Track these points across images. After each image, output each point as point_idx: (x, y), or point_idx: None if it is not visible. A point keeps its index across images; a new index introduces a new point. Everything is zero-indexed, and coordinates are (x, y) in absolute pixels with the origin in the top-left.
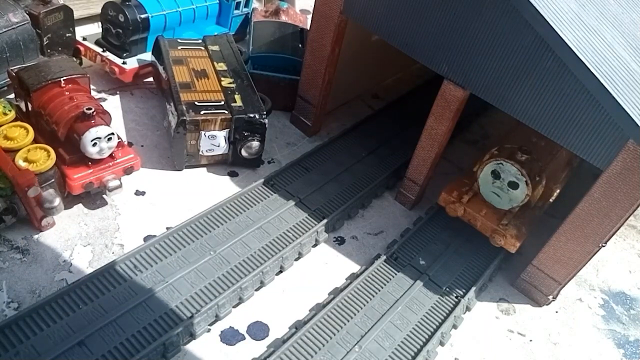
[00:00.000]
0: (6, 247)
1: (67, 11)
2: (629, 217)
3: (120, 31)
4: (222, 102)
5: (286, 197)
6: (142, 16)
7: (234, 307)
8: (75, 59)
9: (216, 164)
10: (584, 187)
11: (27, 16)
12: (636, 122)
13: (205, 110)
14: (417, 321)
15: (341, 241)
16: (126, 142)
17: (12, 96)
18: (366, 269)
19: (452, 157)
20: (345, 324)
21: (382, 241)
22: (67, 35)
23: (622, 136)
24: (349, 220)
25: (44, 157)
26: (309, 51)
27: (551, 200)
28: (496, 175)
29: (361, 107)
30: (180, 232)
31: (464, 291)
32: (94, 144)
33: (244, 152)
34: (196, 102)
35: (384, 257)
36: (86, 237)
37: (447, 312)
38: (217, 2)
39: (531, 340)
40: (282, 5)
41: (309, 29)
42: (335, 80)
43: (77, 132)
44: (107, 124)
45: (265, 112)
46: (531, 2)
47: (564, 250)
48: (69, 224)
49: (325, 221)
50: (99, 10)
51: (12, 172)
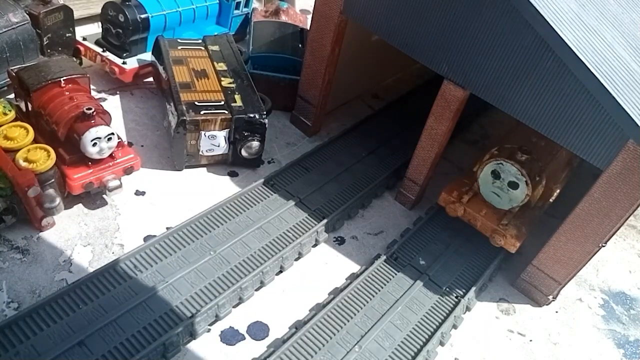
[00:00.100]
0: (6, 247)
1: (67, 11)
2: (629, 217)
3: (120, 31)
4: (222, 102)
5: (286, 197)
6: (142, 16)
7: (234, 307)
8: (75, 59)
9: (216, 164)
10: (584, 187)
11: (27, 16)
12: (636, 122)
13: (205, 110)
14: (417, 321)
15: (341, 241)
16: (126, 142)
17: (12, 96)
18: (366, 269)
19: (452, 157)
20: (345, 324)
21: (382, 241)
22: (67, 35)
23: (622, 136)
24: (349, 220)
25: (44, 157)
26: (309, 51)
27: (551, 200)
28: (496, 175)
29: (361, 107)
30: (180, 232)
31: (464, 291)
32: (94, 144)
33: (244, 152)
34: (196, 102)
35: (384, 257)
36: (86, 237)
37: (447, 312)
38: (217, 2)
39: (531, 340)
40: (282, 5)
41: (309, 29)
42: (335, 80)
43: (77, 132)
44: (107, 124)
45: (265, 112)
46: (531, 2)
47: (564, 250)
48: (69, 224)
49: (325, 221)
50: (99, 10)
51: (12, 172)
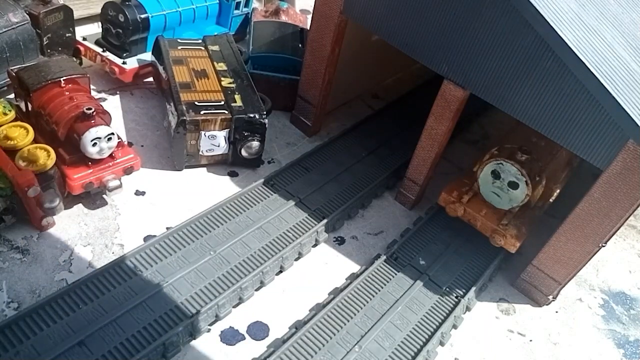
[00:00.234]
0: (6, 247)
1: (67, 11)
2: (629, 217)
3: (120, 31)
4: (222, 102)
5: (286, 197)
6: (142, 16)
7: (234, 307)
8: (75, 59)
9: (216, 164)
10: (584, 187)
11: (27, 16)
12: (636, 122)
13: (205, 110)
14: (417, 321)
15: (341, 241)
16: (126, 142)
17: (12, 96)
18: (366, 269)
19: (452, 157)
20: (345, 324)
21: (382, 241)
22: (67, 35)
23: (622, 136)
24: (349, 220)
25: (44, 157)
26: (309, 51)
27: (551, 200)
28: (496, 175)
29: (361, 107)
30: (180, 232)
31: (464, 291)
32: (94, 144)
33: (244, 152)
34: (196, 102)
35: (384, 257)
36: (86, 237)
37: (447, 312)
38: (217, 2)
39: (531, 340)
40: (282, 5)
41: (309, 29)
42: (335, 80)
43: (77, 132)
44: (107, 124)
45: (265, 112)
46: (531, 2)
47: (564, 250)
48: (69, 224)
49: (325, 221)
50: (99, 10)
51: (12, 172)
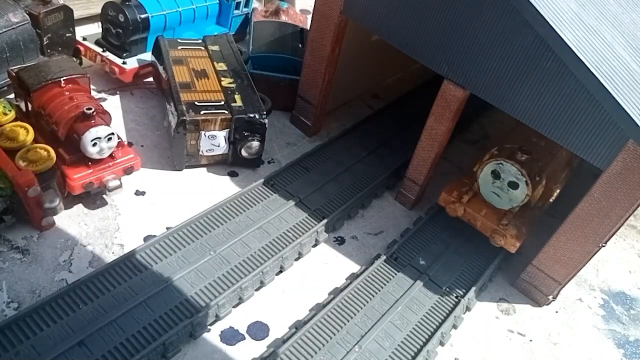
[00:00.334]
0: (6, 247)
1: (67, 11)
2: (629, 217)
3: (120, 31)
4: (222, 102)
5: (286, 197)
6: (142, 16)
7: (234, 307)
8: (75, 59)
9: (216, 164)
10: (584, 187)
11: (27, 16)
12: (636, 122)
13: (205, 110)
14: (417, 321)
15: (341, 241)
16: (126, 142)
17: (12, 96)
18: (366, 269)
19: (452, 157)
20: (345, 324)
21: (382, 241)
22: (67, 35)
23: (622, 136)
24: (349, 220)
25: (44, 157)
26: (309, 51)
27: (551, 200)
28: (496, 175)
29: (361, 107)
30: (180, 232)
31: (464, 291)
32: (94, 144)
33: (244, 152)
34: (196, 102)
35: (384, 257)
36: (86, 237)
37: (447, 312)
38: (217, 2)
39: (531, 340)
40: (282, 5)
41: (309, 29)
42: (335, 80)
43: (77, 132)
44: (107, 124)
45: (265, 112)
46: (531, 2)
47: (564, 250)
48: (69, 224)
49: (325, 221)
50: (99, 10)
51: (12, 172)
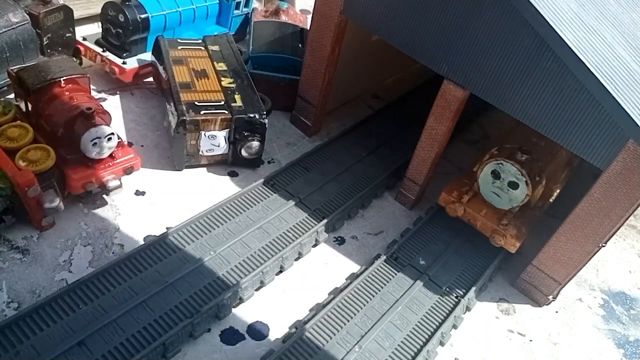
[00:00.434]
0: (6, 247)
1: (67, 11)
2: (629, 217)
3: (120, 31)
4: (222, 102)
5: (286, 197)
6: (142, 16)
7: (234, 307)
8: (75, 59)
9: (216, 164)
10: (584, 187)
11: (27, 16)
12: (636, 122)
13: (205, 110)
14: (417, 321)
15: (341, 241)
16: (126, 142)
17: (12, 96)
18: (366, 269)
19: (452, 157)
20: (345, 324)
21: (382, 241)
22: (67, 35)
23: (622, 136)
24: (349, 220)
25: (44, 157)
26: (309, 51)
27: (551, 200)
28: (496, 175)
29: (361, 107)
30: (180, 232)
31: (464, 291)
32: (94, 144)
33: (244, 152)
34: (196, 102)
35: (384, 257)
36: (86, 237)
37: (447, 312)
38: (217, 2)
39: (531, 340)
40: (282, 5)
41: (309, 29)
42: (335, 80)
43: (77, 132)
44: (107, 124)
45: (265, 112)
46: (531, 2)
47: (564, 250)
48: (69, 224)
49: (325, 221)
50: (99, 10)
51: (12, 172)
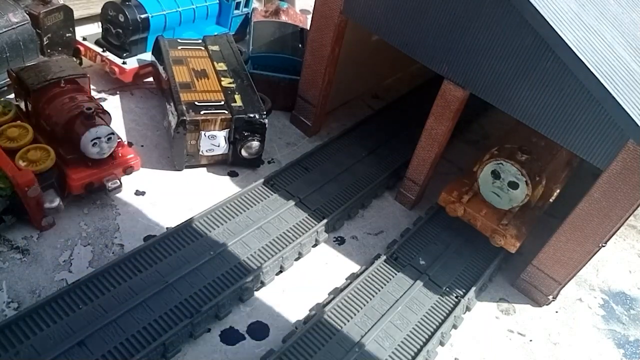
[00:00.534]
0: (6, 247)
1: (67, 11)
2: (629, 217)
3: (120, 31)
4: (222, 102)
5: (286, 197)
6: (142, 16)
7: (234, 307)
8: (75, 59)
9: (216, 164)
10: (584, 187)
11: (27, 16)
12: (636, 122)
13: (205, 110)
14: (417, 321)
15: (341, 241)
16: (126, 142)
17: (12, 96)
18: (366, 269)
19: (452, 157)
20: (345, 324)
21: (382, 241)
22: (67, 35)
23: (622, 136)
24: (349, 220)
25: (44, 157)
26: (309, 51)
27: (551, 200)
28: (496, 175)
29: (361, 107)
30: (180, 232)
31: (464, 291)
32: (94, 144)
33: (244, 152)
34: (196, 102)
35: (384, 257)
36: (86, 237)
37: (447, 312)
38: (217, 2)
39: (531, 340)
40: (282, 5)
41: (309, 29)
42: (335, 80)
43: (77, 132)
44: (107, 124)
45: (265, 112)
46: (531, 2)
47: (564, 250)
48: (69, 224)
49: (325, 221)
50: (99, 10)
51: (12, 172)
